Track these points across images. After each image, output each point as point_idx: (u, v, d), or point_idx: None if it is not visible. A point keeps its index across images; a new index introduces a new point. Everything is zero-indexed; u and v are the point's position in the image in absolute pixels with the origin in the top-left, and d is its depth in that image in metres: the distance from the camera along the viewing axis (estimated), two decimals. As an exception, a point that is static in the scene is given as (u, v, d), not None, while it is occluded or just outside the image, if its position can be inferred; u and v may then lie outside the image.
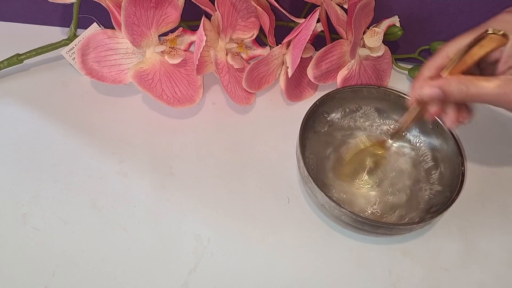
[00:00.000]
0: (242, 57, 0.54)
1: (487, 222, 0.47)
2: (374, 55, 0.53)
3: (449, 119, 0.40)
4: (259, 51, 0.54)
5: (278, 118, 0.54)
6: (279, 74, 0.54)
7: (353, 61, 0.53)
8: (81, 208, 0.45)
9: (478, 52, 0.37)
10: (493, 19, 0.38)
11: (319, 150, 0.49)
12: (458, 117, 0.39)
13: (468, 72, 0.37)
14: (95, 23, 0.53)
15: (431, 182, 0.47)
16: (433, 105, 0.39)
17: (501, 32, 0.35)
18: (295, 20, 0.52)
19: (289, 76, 0.51)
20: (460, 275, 0.43)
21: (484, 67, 0.40)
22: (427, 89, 0.38)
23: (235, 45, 0.52)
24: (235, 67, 0.52)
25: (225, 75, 0.51)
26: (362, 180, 0.48)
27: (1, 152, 0.48)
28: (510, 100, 0.35)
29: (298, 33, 0.49)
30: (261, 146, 0.51)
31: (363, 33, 0.52)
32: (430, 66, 0.39)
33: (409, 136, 0.50)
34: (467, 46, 0.37)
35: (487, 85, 0.36)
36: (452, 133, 0.46)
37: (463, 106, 0.40)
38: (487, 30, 0.36)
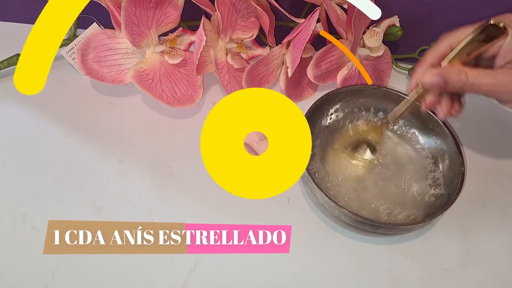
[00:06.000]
0: (242, 57, 0.54)
1: (487, 222, 0.47)
2: (374, 55, 0.53)
3: (442, 110, 0.42)
4: (259, 51, 0.54)
5: (278, 118, 0.54)
6: (279, 74, 0.54)
7: (353, 61, 0.53)
8: (81, 208, 0.45)
9: (479, 44, 0.38)
10: (495, 17, 0.39)
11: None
12: (450, 109, 0.42)
13: (466, 65, 0.39)
14: (95, 23, 0.53)
15: (431, 182, 0.47)
16: (430, 94, 0.41)
17: (502, 24, 0.37)
18: (295, 20, 0.52)
19: (289, 76, 0.51)
20: (460, 275, 0.43)
21: (482, 63, 0.41)
22: (429, 76, 0.39)
23: (235, 45, 0.52)
24: (235, 67, 0.52)
25: (225, 75, 0.51)
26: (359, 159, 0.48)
27: (1, 152, 0.48)
28: (505, 91, 0.38)
29: (298, 33, 0.49)
30: (261, 146, 0.51)
31: (363, 33, 0.52)
32: (433, 54, 0.41)
33: (409, 136, 0.50)
34: (469, 37, 0.38)
35: (485, 76, 0.38)
36: (452, 133, 0.46)
37: (456, 100, 0.42)
38: (488, 21, 0.37)
